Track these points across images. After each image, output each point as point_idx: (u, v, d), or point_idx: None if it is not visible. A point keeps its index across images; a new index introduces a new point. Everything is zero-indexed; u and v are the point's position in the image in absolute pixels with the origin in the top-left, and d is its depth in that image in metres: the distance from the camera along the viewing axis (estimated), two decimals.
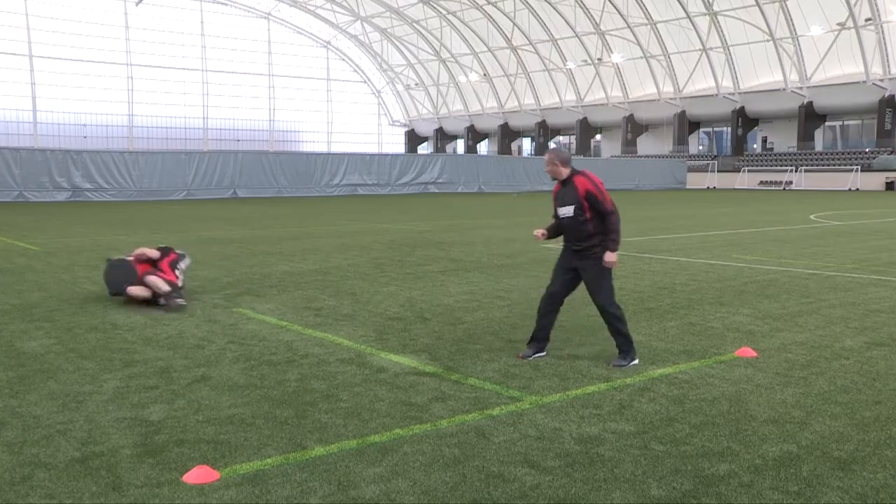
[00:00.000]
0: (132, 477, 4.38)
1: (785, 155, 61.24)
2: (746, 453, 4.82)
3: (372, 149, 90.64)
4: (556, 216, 7.14)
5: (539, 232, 7.33)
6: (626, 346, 6.88)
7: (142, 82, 79.70)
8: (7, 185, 35.56)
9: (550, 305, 7.13)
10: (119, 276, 9.79)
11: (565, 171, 7.03)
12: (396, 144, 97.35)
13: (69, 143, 68.50)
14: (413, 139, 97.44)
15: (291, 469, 4.51)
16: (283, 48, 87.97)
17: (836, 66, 57.91)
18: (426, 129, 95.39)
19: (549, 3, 69.63)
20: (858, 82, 56.36)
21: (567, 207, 6.90)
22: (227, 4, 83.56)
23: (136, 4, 77.15)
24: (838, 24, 55.30)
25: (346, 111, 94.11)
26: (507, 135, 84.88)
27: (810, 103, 59.89)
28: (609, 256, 6.85)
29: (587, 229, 6.88)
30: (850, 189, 52.88)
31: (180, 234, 18.95)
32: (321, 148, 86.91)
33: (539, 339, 7.10)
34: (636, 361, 6.85)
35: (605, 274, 6.93)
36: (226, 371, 6.59)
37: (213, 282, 11.49)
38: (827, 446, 4.94)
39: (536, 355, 7.02)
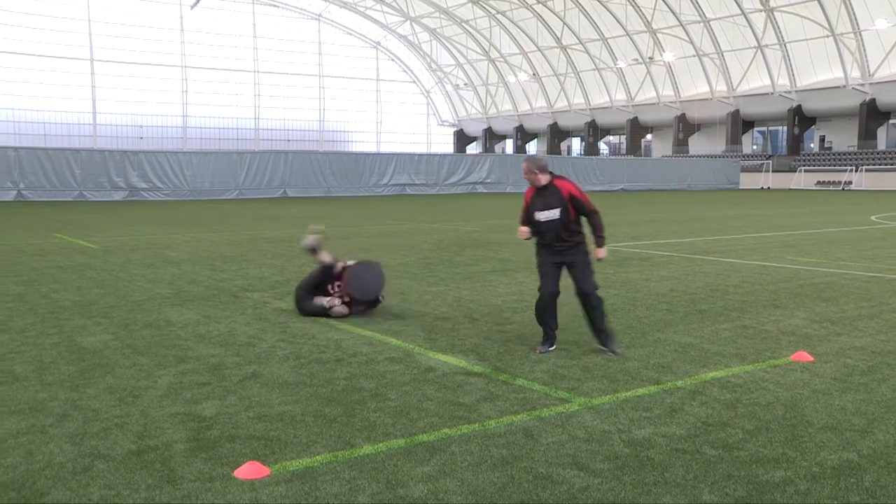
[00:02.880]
0: (185, 471, 4.46)
1: (844, 154, 59.96)
2: (803, 460, 4.72)
3: (420, 149, 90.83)
4: (530, 220, 7.45)
5: (524, 230, 7.59)
6: (606, 330, 7.39)
7: (196, 84, 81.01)
8: (68, 185, 36.48)
9: (554, 304, 7.46)
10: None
11: (544, 178, 7.40)
12: (445, 144, 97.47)
13: (126, 144, 69.95)
14: (461, 139, 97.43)
15: (340, 467, 4.54)
16: (334, 49, 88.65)
17: None
18: (475, 128, 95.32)
19: (599, 1, 69.12)
20: None
21: (552, 211, 7.27)
22: (278, 6, 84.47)
23: (192, 7, 78.40)
24: None
25: (395, 111, 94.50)
26: (557, 134, 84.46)
27: (873, 100, 58.44)
28: (601, 253, 7.49)
29: (573, 228, 7.32)
30: None
31: (231, 233, 19.21)
32: (370, 148, 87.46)
33: (553, 336, 7.45)
34: (615, 352, 7.21)
35: (589, 264, 7.45)
36: (276, 369, 6.66)
37: (263, 280, 11.63)
38: (891, 456, 4.81)
39: (551, 349, 7.37)
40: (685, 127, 71.79)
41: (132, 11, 77.51)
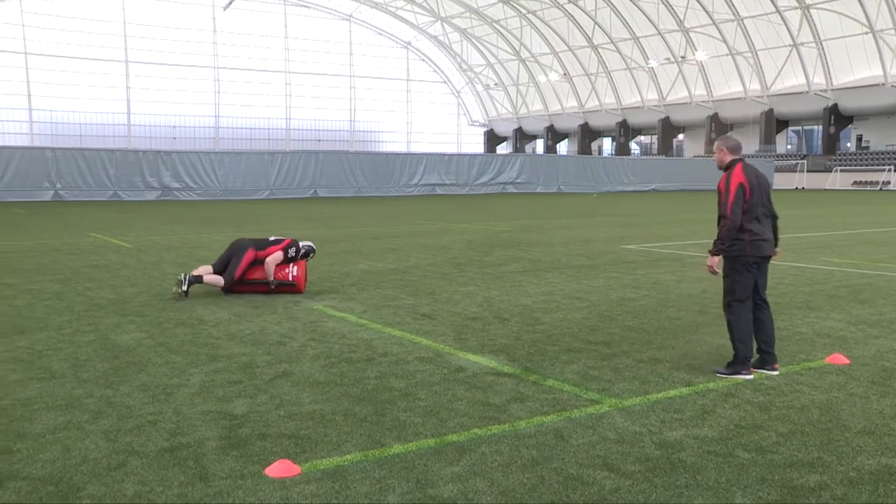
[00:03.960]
0: (217, 468, 4.49)
1: (882, 154, 59.15)
2: (839, 465, 4.66)
3: (451, 149, 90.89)
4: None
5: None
6: (733, 356, 6.56)
7: (228, 84, 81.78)
8: (103, 185, 36.97)
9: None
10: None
11: (728, 159, 6.61)
12: (475, 144, 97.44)
13: (159, 145, 70.78)
14: (492, 139, 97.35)
15: (370, 466, 4.55)
16: (364, 49, 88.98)
17: None
18: (505, 128, 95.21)
19: (631, 0, 68.73)
20: None
21: None
22: (309, 7, 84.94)
23: (224, 9, 79.10)
24: None
25: (426, 111, 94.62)
26: (587, 134, 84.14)
27: None
28: (709, 259, 6.55)
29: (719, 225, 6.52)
30: None
31: (262, 233, 19.36)
32: (400, 148, 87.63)
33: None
34: (740, 376, 6.45)
35: (728, 272, 6.54)
36: (306, 368, 6.69)
37: None
38: None
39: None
40: (717, 127, 71.18)
41: (166, 13, 78.52)
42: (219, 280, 10.04)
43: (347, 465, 4.56)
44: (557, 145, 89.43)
